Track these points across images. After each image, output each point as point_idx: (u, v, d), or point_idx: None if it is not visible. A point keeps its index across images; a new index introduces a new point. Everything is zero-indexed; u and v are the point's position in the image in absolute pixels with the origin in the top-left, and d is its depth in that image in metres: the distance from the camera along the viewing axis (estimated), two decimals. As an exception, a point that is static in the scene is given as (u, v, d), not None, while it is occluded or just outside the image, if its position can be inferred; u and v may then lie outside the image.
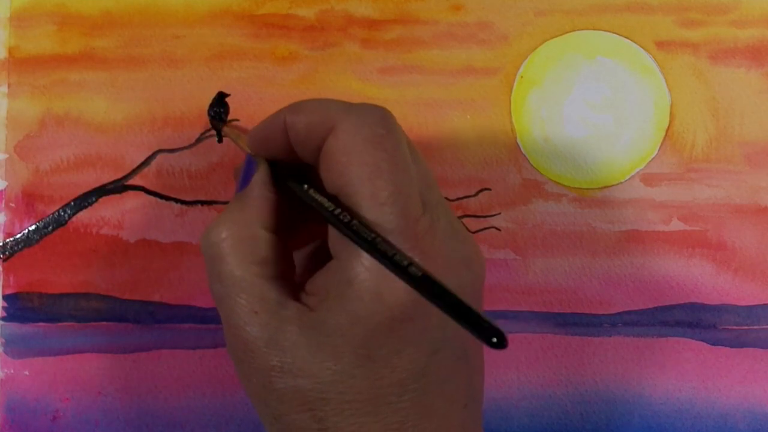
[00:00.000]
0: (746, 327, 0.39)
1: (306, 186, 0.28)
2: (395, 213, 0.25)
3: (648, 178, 0.39)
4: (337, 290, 0.26)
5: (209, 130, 0.39)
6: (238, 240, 0.27)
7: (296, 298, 0.27)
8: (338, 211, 0.26)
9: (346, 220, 0.25)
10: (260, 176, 0.29)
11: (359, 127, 0.26)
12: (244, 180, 0.29)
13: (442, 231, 0.27)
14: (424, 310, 0.26)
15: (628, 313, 0.39)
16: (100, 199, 0.39)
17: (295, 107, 0.28)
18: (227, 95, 0.39)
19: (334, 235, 0.27)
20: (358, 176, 0.26)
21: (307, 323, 0.26)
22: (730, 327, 0.39)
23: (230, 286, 0.27)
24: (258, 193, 0.28)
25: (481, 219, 0.39)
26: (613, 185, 0.39)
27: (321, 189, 0.28)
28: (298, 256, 0.31)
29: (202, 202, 0.39)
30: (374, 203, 0.25)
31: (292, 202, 0.29)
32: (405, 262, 0.23)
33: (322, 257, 0.29)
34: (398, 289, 0.25)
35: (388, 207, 0.25)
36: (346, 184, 0.26)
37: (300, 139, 0.28)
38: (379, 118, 0.27)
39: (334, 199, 0.27)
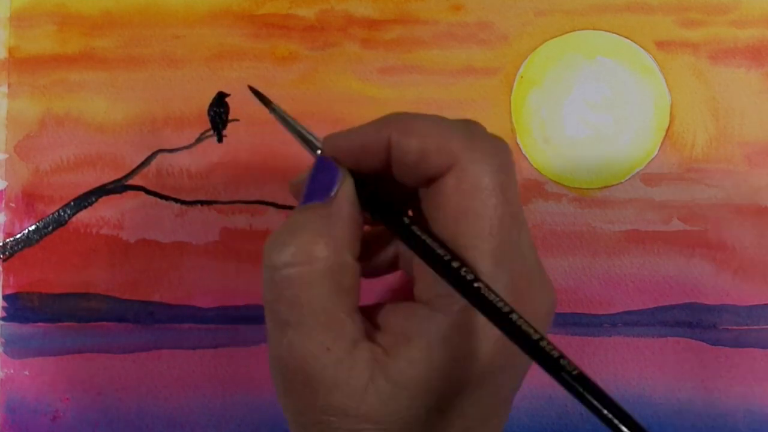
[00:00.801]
0: (746, 327, 0.39)
1: (407, 220, 0.25)
2: (508, 272, 0.24)
3: (648, 178, 0.39)
4: (423, 341, 0.24)
5: (209, 130, 0.39)
6: (328, 267, 0.24)
7: (368, 332, 0.25)
8: (457, 264, 0.23)
9: (469, 278, 0.23)
10: (348, 192, 0.25)
11: (485, 171, 0.24)
12: (317, 187, 0.25)
13: (536, 284, 0.26)
14: (506, 372, 0.25)
15: (628, 313, 0.39)
16: (100, 199, 0.39)
17: (405, 127, 0.25)
18: (227, 95, 0.39)
19: (427, 280, 0.25)
20: (478, 230, 0.24)
21: (382, 369, 0.24)
22: (730, 327, 0.39)
23: (306, 315, 0.24)
24: (347, 213, 0.25)
25: (481, 219, 0.39)
26: (613, 185, 0.39)
27: (419, 221, 0.25)
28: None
29: (202, 202, 0.39)
30: (491, 262, 0.24)
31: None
32: (544, 344, 0.22)
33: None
34: (488, 351, 0.24)
35: (502, 266, 0.24)
36: (463, 235, 0.24)
37: (409, 164, 0.25)
38: (504, 161, 0.25)
39: (441, 244, 0.24)
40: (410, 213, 0.26)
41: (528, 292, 0.25)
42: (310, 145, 0.26)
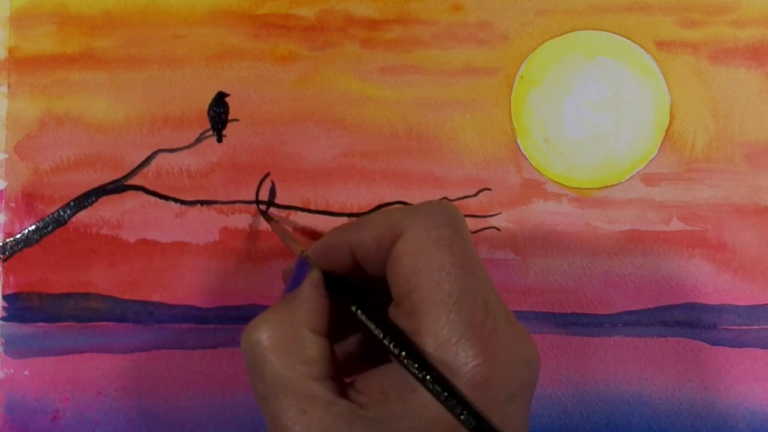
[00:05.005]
0: (746, 327, 0.39)
1: (356, 308, 0.28)
2: (462, 320, 0.25)
3: (648, 178, 0.39)
4: (399, 394, 0.26)
5: (209, 130, 0.39)
6: (281, 340, 0.27)
7: (345, 396, 0.27)
8: (388, 340, 0.26)
9: (395, 352, 0.26)
10: (312, 279, 0.29)
11: (426, 229, 0.26)
12: (294, 281, 0.29)
13: (503, 331, 0.26)
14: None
15: (628, 313, 0.39)
16: (100, 199, 0.39)
17: (360, 224, 0.28)
18: (227, 95, 0.39)
19: None
20: (426, 282, 0.26)
21: (361, 422, 0.26)
22: (730, 327, 0.39)
23: (275, 386, 0.26)
24: (308, 295, 0.28)
25: (481, 219, 0.39)
26: (613, 185, 0.39)
27: (372, 303, 0.28)
28: (341, 348, 0.31)
29: (202, 202, 0.39)
30: (442, 310, 0.25)
31: (339, 302, 0.29)
32: (458, 410, 0.24)
33: (369, 352, 0.30)
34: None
35: (455, 314, 0.25)
36: (414, 290, 0.26)
37: (369, 255, 0.28)
38: (446, 218, 0.27)
39: (386, 325, 0.27)
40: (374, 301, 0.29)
41: (493, 340, 0.26)
42: (295, 249, 0.31)
